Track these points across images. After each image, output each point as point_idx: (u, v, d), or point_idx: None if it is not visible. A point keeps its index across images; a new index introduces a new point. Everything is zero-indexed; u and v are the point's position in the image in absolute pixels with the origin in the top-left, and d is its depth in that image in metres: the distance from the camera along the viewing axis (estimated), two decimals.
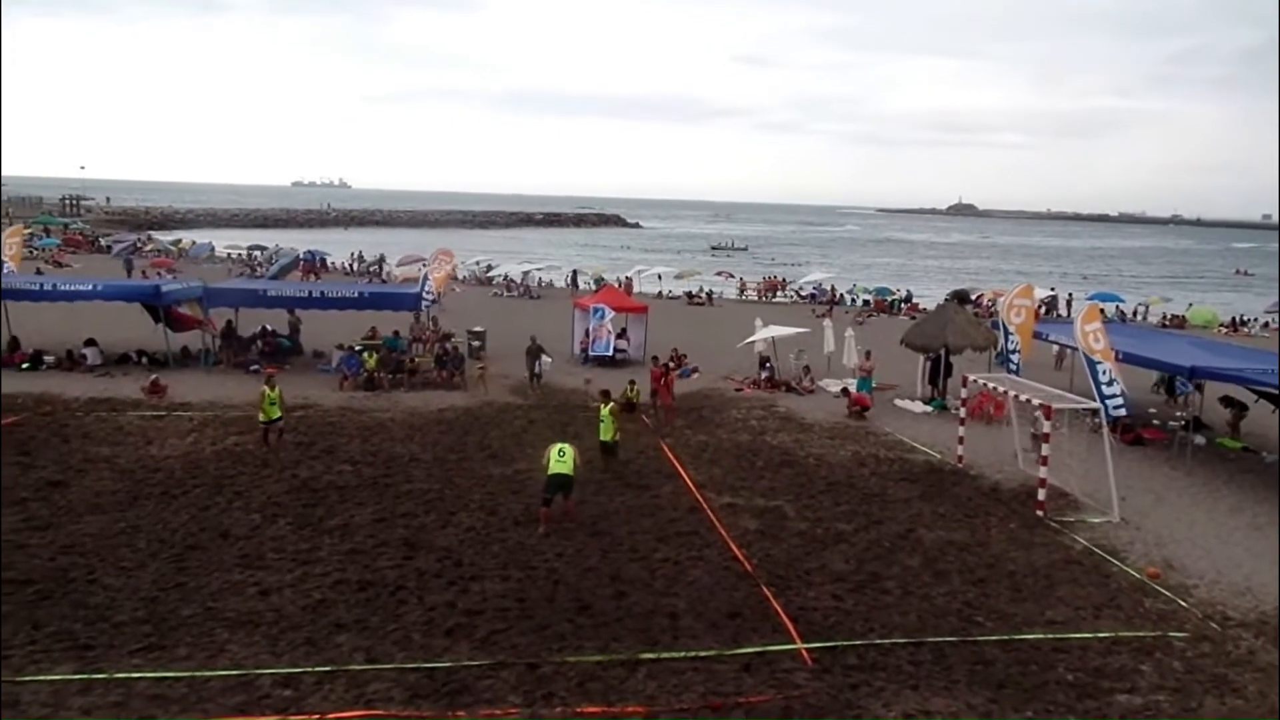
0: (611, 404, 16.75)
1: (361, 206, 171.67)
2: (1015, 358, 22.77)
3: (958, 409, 19.70)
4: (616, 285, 45.34)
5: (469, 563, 12.27)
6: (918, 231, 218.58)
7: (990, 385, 18.64)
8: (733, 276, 62.80)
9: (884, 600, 11.56)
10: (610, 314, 27.88)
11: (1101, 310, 25.96)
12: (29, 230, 56.02)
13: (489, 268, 60.65)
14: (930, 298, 54.30)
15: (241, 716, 8.45)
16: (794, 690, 9.31)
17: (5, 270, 31.56)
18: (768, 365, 26.19)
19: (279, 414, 17.38)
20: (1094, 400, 17.06)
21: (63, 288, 26.40)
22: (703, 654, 9.97)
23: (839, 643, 10.33)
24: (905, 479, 17.03)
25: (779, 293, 56.95)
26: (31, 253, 49.12)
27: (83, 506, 13.78)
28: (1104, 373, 17.76)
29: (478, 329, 29.32)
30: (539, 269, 60.38)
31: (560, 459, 13.61)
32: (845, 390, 23.83)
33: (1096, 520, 14.89)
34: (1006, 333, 23.33)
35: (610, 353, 27.65)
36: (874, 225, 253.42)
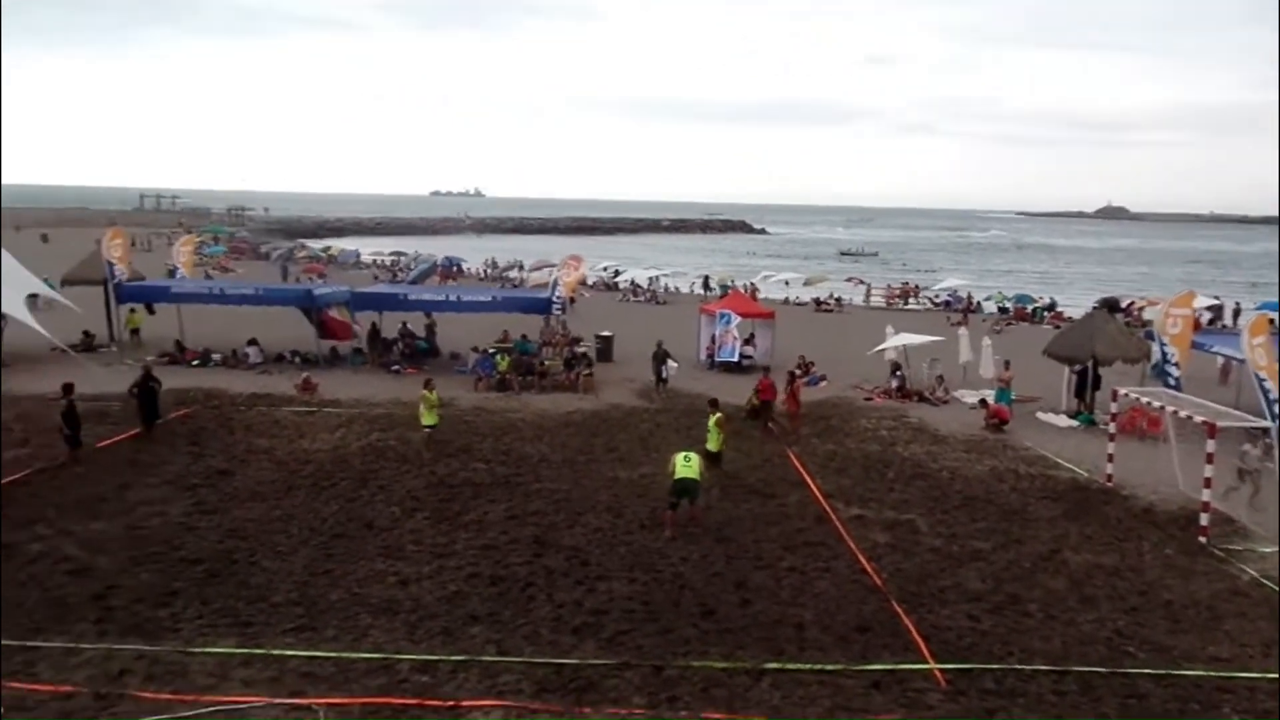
0: (718, 414, 16.57)
1: (494, 214, 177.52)
2: (1175, 371, 21.22)
3: (1106, 424, 18.54)
4: (743, 291, 45.10)
5: (596, 563, 12.48)
6: (1064, 236, 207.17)
7: (1144, 400, 17.46)
8: (862, 283, 61.28)
9: (1025, 624, 11.01)
10: (737, 320, 27.78)
11: (1271, 321, 23.81)
12: (199, 239, 60.91)
13: (616, 273, 61.55)
14: (1077, 306, 51.31)
15: (383, 698, 8.90)
16: (925, 711, 9.01)
17: (179, 275, 34.41)
18: (899, 374, 25.44)
19: (436, 420, 17.81)
20: (1265, 419, 15.70)
21: (229, 292, 28.57)
22: (829, 667, 9.78)
23: (975, 665, 9.91)
24: (1048, 497, 16.18)
25: (911, 299, 55.23)
26: (201, 260, 53.37)
27: (245, 494, 14.86)
28: (1272, 390, 16.31)
29: (605, 333, 29.82)
30: (665, 274, 60.79)
31: (686, 464, 13.66)
32: (983, 401, 22.84)
33: (1267, 550, 13.69)
34: (1162, 344, 21.77)
35: (736, 358, 27.53)
36: (1017, 230, 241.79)
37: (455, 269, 60.69)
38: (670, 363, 24.76)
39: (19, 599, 10.81)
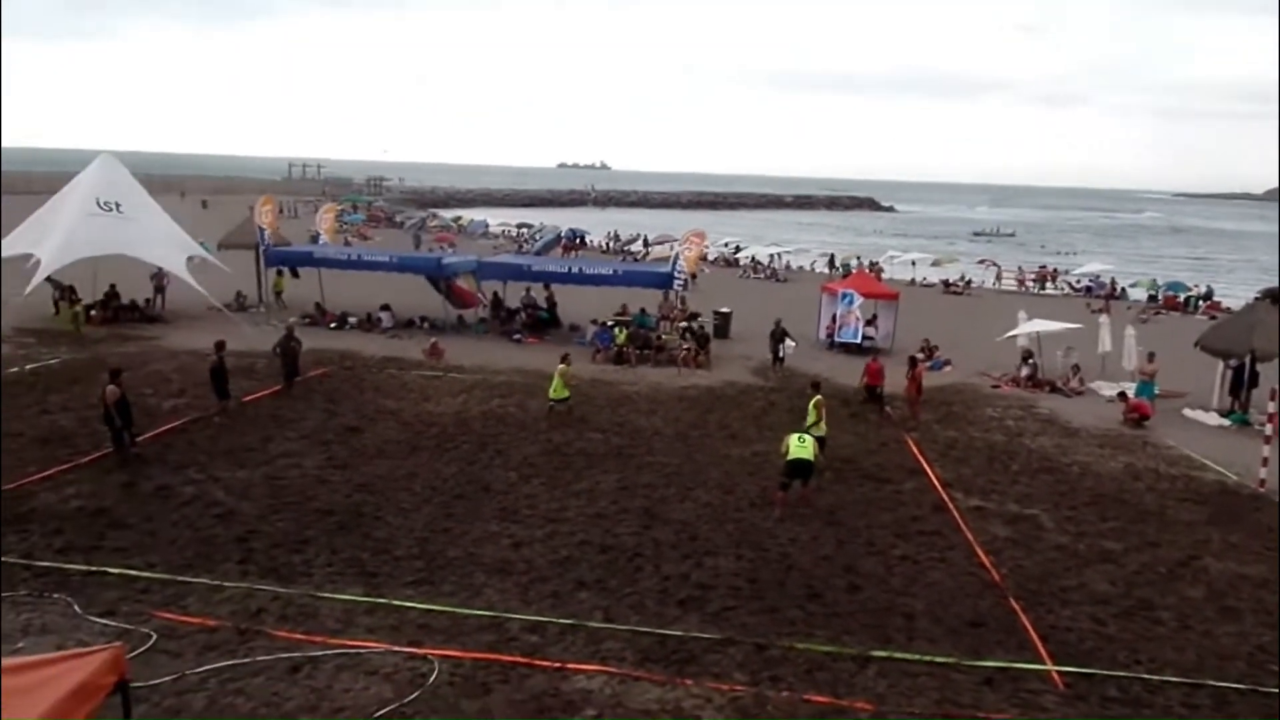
0: (818, 397, 15.90)
1: (619, 188, 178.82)
2: None
3: (1263, 425, 17.14)
4: (867, 271, 43.93)
5: (704, 538, 12.54)
6: (1227, 219, 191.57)
7: None
8: (994, 265, 58.57)
9: (1155, 631, 10.41)
10: (859, 300, 27.12)
11: None
12: (340, 207, 64.14)
13: (737, 249, 61.05)
14: (1236, 297, 47.41)
15: (493, 654, 9.26)
16: (1040, 713, 8.67)
17: (321, 241, 36.35)
18: (1030, 362, 24.26)
19: (566, 394, 18.31)
20: None
21: (365, 258, 30.00)
22: (940, 659, 9.53)
23: (1099, 670, 9.44)
24: (1190, 499, 15.15)
25: (1047, 284, 52.43)
26: (342, 227, 56.24)
27: (373, 451, 15.66)
28: None
29: (723, 310, 29.69)
30: (787, 251, 59.87)
31: (801, 445, 13.48)
32: (1122, 395, 21.50)
33: None
34: None
35: (858, 339, 26.92)
36: (1174, 211, 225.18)
37: (578, 241, 61.56)
38: (788, 341, 24.44)
39: (173, 536, 11.81)
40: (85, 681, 4.94)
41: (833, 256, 56.67)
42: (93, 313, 26.25)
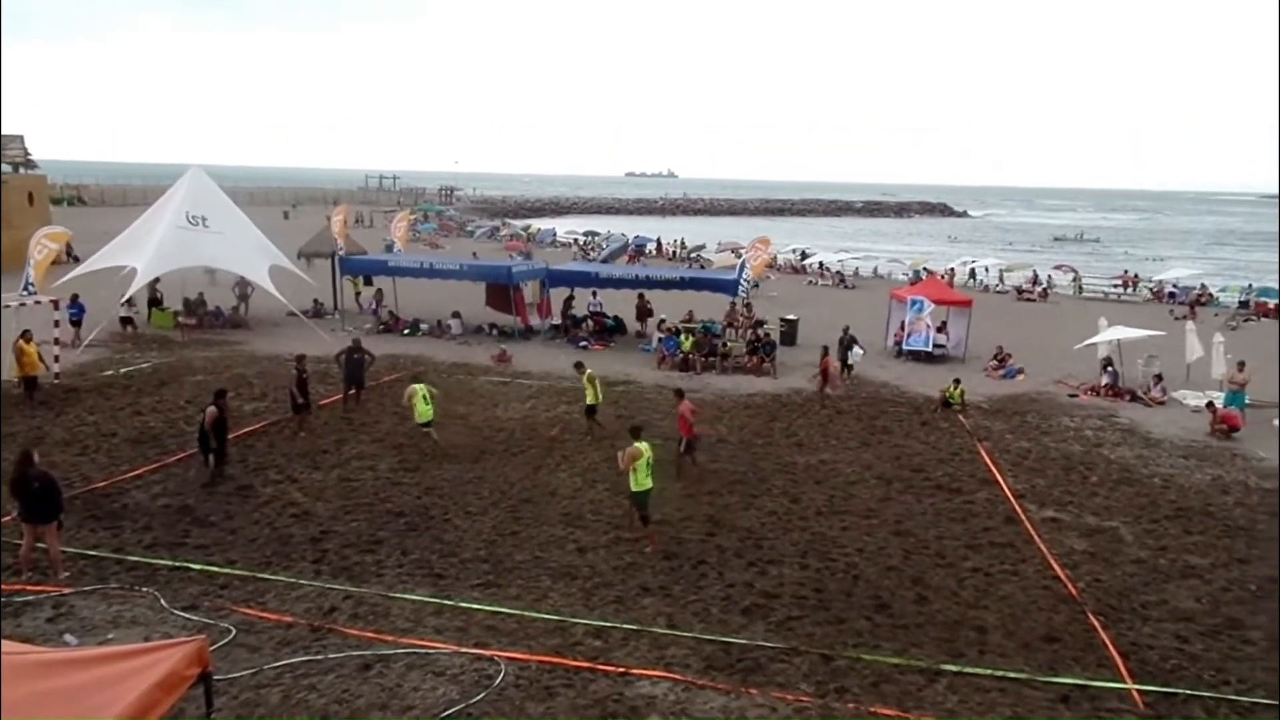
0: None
1: (687, 196, 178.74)
2: None
3: None
4: (939, 277, 43.01)
5: (769, 546, 12.45)
6: None
7: None
8: (1071, 270, 56.68)
9: (1244, 651, 9.94)
10: (930, 306, 26.58)
11: None
12: (414, 216, 65.65)
13: (804, 255, 60.44)
14: None
15: (558, 658, 9.35)
16: None
17: (395, 250, 37.27)
18: (1110, 370, 23.42)
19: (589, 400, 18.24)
20: None
21: (437, 267, 30.63)
22: (1013, 675, 9.28)
23: (1183, 690, 9.07)
24: None
25: (1128, 289, 50.53)
26: (415, 236, 57.53)
27: (443, 455, 15.97)
28: None
29: (790, 317, 29.43)
30: (855, 258, 59.01)
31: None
32: (1210, 405, 20.59)
33: None
34: None
35: (929, 347, 26.38)
36: (1261, 214, 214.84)
37: (644, 249, 61.75)
38: (856, 349, 24.09)
39: (253, 535, 12.24)
40: (171, 672, 5.16)
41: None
42: (180, 319, 27.43)
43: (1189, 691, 9.07)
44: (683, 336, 25.45)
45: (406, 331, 28.32)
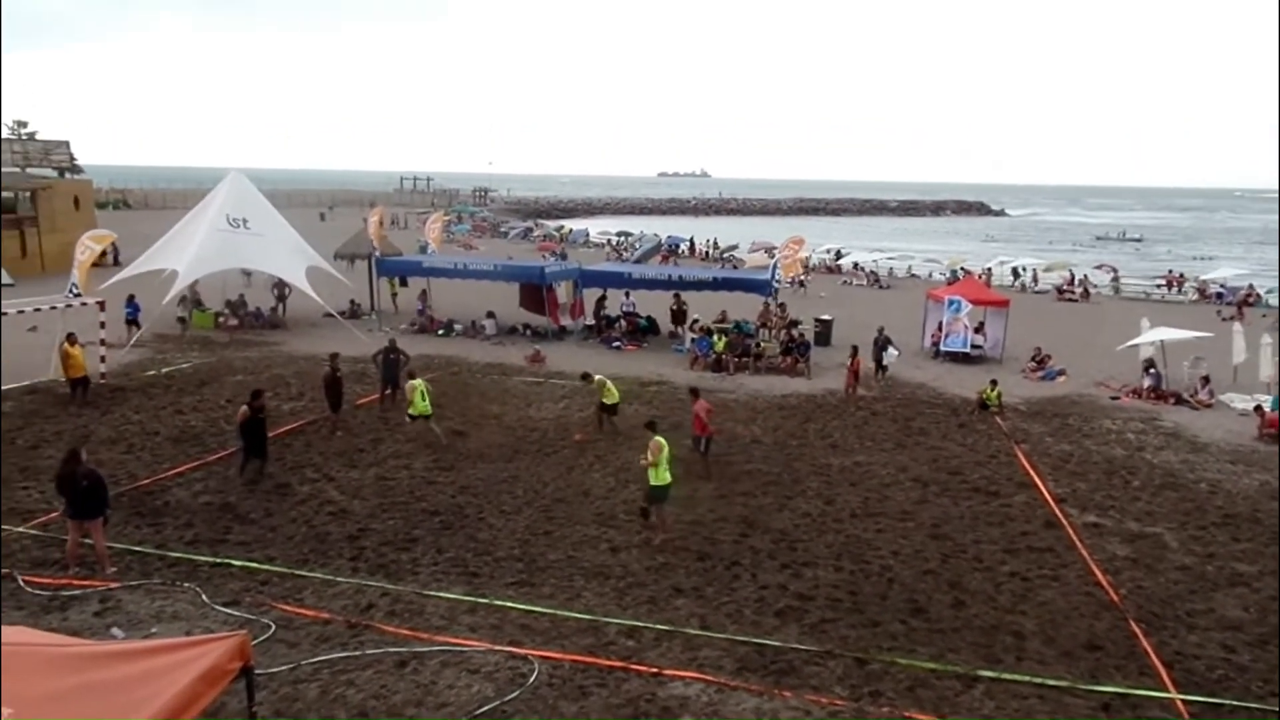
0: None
1: (722, 196, 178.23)
2: None
3: None
4: (976, 277, 42.48)
5: (803, 548, 12.37)
6: None
7: None
8: (1112, 270, 55.59)
9: None
10: (967, 307, 26.24)
11: None
12: (448, 217, 66.20)
13: (838, 255, 59.99)
14: None
15: (591, 657, 9.37)
16: None
17: (430, 251, 37.60)
18: (1153, 372, 22.95)
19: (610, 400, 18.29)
20: None
21: (471, 267, 30.86)
22: (1052, 682, 9.13)
23: (1229, 700, 8.86)
24: None
25: (1173, 289, 49.47)
26: (450, 237, 58.02)
27: (477, 454, 16.09)
28: None
29: (824, 317, 29.24)
30: (890, 258, 58.43)
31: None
32: (1258, 408, 20.10)
33: None
34: None
35: (966, 348, 26.05)
36: None
37: (677, 249, 61.67)
38: (891, 349, 23.85)
39: (291, 532, 12.43)
40: (214, 665, 5.26)
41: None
42: (223, 320, 27.95)
43: (1235, 702, 8.86)
44: (716, 337, 25.39)
45: (441, 332, 28.57)
